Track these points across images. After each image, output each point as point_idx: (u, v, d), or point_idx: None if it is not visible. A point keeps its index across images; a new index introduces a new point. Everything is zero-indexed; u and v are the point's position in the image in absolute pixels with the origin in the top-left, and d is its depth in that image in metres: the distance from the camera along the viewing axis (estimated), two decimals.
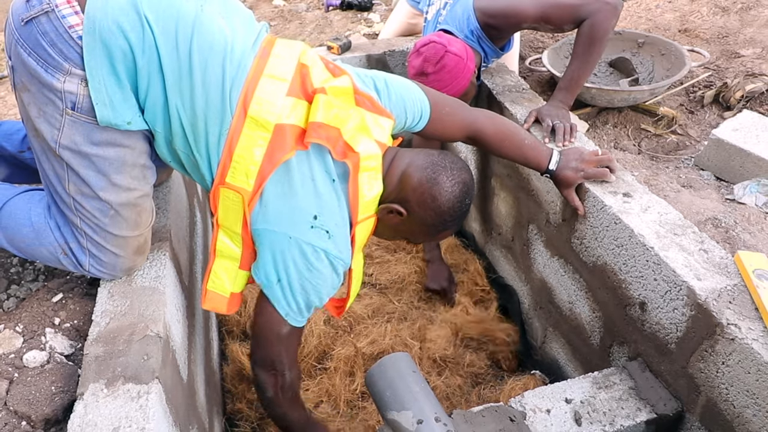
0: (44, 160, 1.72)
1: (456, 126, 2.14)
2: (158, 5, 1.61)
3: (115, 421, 1.45)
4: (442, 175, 1.81)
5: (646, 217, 2.02)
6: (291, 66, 1.77)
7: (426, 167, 1.83)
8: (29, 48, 1.57)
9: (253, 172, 1.69)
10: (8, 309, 1.89)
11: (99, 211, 1.75)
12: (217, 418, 2.41)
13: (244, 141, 1.68)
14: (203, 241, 2.93)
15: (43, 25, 1.55)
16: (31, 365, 1.67)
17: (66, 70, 1.58)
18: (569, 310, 2.48)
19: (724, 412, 1.74)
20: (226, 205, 1.75)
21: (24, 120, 1.71)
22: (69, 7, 1.55)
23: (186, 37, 1.63)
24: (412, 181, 1.82)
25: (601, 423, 1.87)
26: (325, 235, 1.72)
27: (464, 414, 1.84)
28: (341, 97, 1.77)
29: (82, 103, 1.61)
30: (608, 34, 2.49)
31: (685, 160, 3.06)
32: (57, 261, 1.85)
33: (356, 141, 1.76)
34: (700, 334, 1.76)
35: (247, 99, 1.68)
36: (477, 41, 2.76)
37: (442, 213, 1.83)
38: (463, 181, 1.84)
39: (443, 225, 1.88)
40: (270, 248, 1.73)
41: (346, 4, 5.43)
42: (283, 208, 1.71)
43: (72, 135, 1.65)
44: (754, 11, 4.14)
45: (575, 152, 2.21)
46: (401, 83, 2.00)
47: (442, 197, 1.81)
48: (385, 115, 1.88)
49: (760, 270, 1.76)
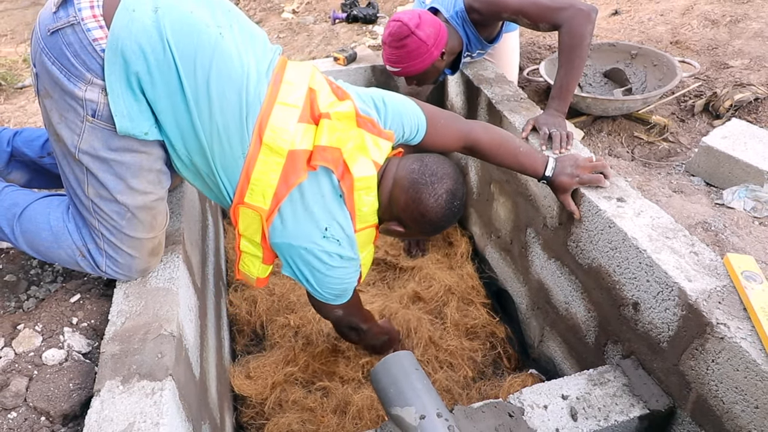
0: (65, 164, 1.73)
1: (452, 137, 2.16)
2: (180, 30, 1.63)
3: (130, 416, 1.45)
4: (424, 193, 1.88)
5: (639, 221, 2.02)
6: (302, 92, 1.81)
7: (408, 188, 1.89)
8: (53, 57, 1.59)
9: (269, 194, 1.77)
10: (28, 309, 1.90)
11: (116, 213, 1.76)
12: (228, 413, 2.41)
13: (261, 166, 1.75)
14: (215, 244, 2.93)
15: (68, 36, 1.56)
16: (49, 363, 1.68)
17: (88, 80, 1.60)
18: (565, 310, 2.48)
19: (714, 407, 1.74)
20: (246, 221, 1.85)
21: (46, 125, 1.73)
22: (95, 21, 1.57)
23: (204, 64, 1.66)
24: (399, 202, 1.92)
25: (596, 418, 1.86)
26: (336, 243, 1.86)
27: (465, 410, 1.84)
28: (344, 121, 1.84)
29: (102, 111, 1.63)
30: (586, 39, 2.49)
31: (676, 167, 3.06)
32: (75, 263, 1.86)
33: (354, 161, 1.84)
34: (691, 333, 1.76)
35: (263, 126, 1.73)
36: (461, 24, 2.80)
37: (433, 222, 1.93)
38: (446, 191, 1.89)
39: (440, 228, 1.99)
40: (291, 258, 1.88)
41: (352, 17, 5.44)
42: (298, 224, 1.82)
43: (91, 141, 1.66)
44: (742, 24, 4.14)
45: (571, 159, 2.21)
46: (398, 100, 2.05)
47: (430, 213, 1.90)
48: (384, 136, 1.95)
49: (749, 272, 1.76)
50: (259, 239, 1.87)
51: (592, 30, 2.51)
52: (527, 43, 4.40)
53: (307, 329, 2.82)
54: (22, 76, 4.60)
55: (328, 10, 6.00)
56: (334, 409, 2.48)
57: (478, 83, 3.05)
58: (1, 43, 5.69)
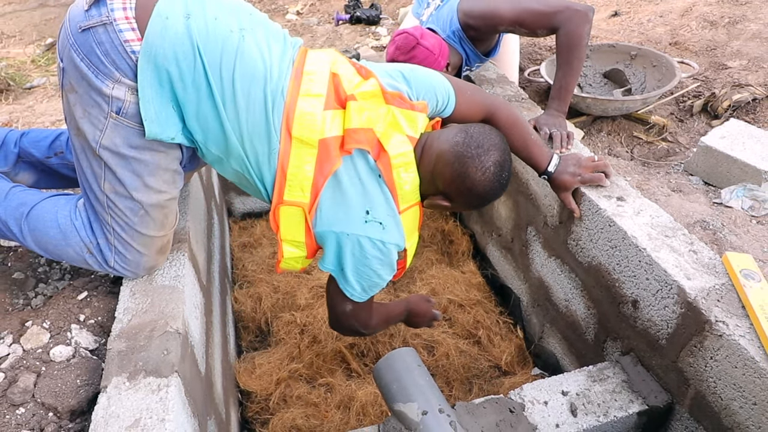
0: (83, 158, 1.75)
1: (477, 108, 2.10)
2: (207, 36, 1.65)
3: (136, 412, 1.45)
4: (471, 167, 1.79)
5: (638, 219, 2.01)
6: (324, 80, 1.80)
7: (454, 162, 1.80)
8: (83, 53, 1.61)
9: (307, 186, 1.76)
10: (36, 306, 1.90)
11: (130, 210, 1.78)
12: (233, 409, 2.41)
13: (294, 160, 1.74)
14: (220, 243, 2.93)
15: (99, 35, 1.59)
16: (57, 359, 1.68)
17: (116, 78, 1.62)
18: (565, 307, 2.47)
19: (712, 404, 1.74)
20: (288, 220, 1.82)
21: (67, 119, 1.74)
22: (126, 23, 1.59)
23: (229, 66, 1.67)
24: (445, 177, 1.82)
25: (596, 414, 1.86)
26: (379, 227, 1.78)
27: (466, 405, 1.83)
28: (371, 100, 1.81)
29: (127, 108, 1.65)
30: (584, 39, 2.49)
31: (675, 166, 3.05)
32: (83, 260, 1.86)
33: (388, 138, 1.80)
34: (690, 331, 1.76)
35: (290, 121, 1.73)
36: (459, 42, 2.78)
37: (481, 195, 1.84)
38: (494, 163, 1.80)
39: (488, 200, 1.89)
40: (333, 245, 1.80)
41: (355, 19, 5.44)
42: (338, 211, 1.77)
43: (113, 137, 1.68)
44: (740, 25, 4.13)
45: (573, 158, 2.20)
46: (426, 72, 2.00)
47: (478, 186, 1.81)
48: (417, 109, 1.90)
49: (747, 270, 1.75)
50: (302, 237, 1.84)
51: (590, 30, 2.51)
52: (528, 44, 4.39)
53: (314, 327, 2.82)
54: (30, 76, 4.60)
55: (332, 12, 6.01)
56: (337, 405, 2.48)
57: (480, 84, 3.05)
58: (10, 44, 5.70)
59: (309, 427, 2.40)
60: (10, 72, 4.52)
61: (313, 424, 2.41)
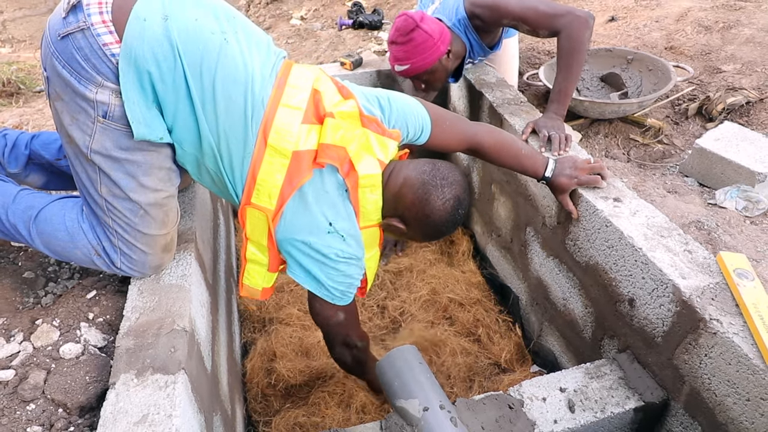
0: (77, 164, 1.74)
1: (456, 139, 2.14)
2: (187, 37, 1.63)
3: (144, 408, 1.45)
4: (433, 195, 1.84)
5: (634, 220, 2.01)
6: (305, 95, 1.80)
7: (418, 188, 1.85)
8: (64, 60, 1.59)
9: (275, 194, 1.76)
10: (46, 305, 1.90)
11: (129, 211, 1.77)
12: (239, 405, 2.41)
13: (266, 167, 1.74)
14: (226, 242, 2.93)
15: (78, 40, 1.57)
16: (67, 357, 1.68)
17: (99, 82, 1.60)
18: (563, 306, 2.47)
19: (707, 400, 1.74)
20: (253, 222, 1.83)
21: (57, 128, 1.73)
22: (104, 27, 1.57)
23: (210, 68, 1.66)
24: (406, 200, 1.87)
25: (593, 410, 1.86)
26: (341, 239, 1.80)
27: (467, 402, 1.84)
28: (348, 120, 1.82)
29: (113, 112, 1.63)
30: (584, 44, 2.51)
31: (670, 168, 3.05)
32: (90, 261, 1.86)
33: (359, 159, 1.82)
34: (685, 329, 1.76)
35: (267, 128, 1.72)
36: (464, 31, 2.79)
37: (436, 225, 1.88)
38: (454, 196, 1.86)
39: (440, 233, 1.94)
40: (295, 254, 1.82)
41: (358, 24, 5.44)
42: (302, 221, 1.78)
43: (103, 141, 1.66)
44: (734, 30, 4.12)
45: (570, 160, 2.21)
46: (403, 100, 2.02)
47: (435, 215, 1.85)
48: (389, 135, 1.92)
49: (741, 269, 1.76)
50: (265, 241, 1.84)
51: (590, 36, 2.51)
52: (527, 48, 4.39)
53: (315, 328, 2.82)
54: (40, 80, 4.61)
55: (335, 17, 6.01)
56: (338, 403, 2.49)
57: (480, 87, 3.05)
58: (21, 48, 5.71)
59: (311, 424, 2.40)
60: (20, 75, 4.53)
61: (314, 421, 2.42)
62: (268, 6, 6.63)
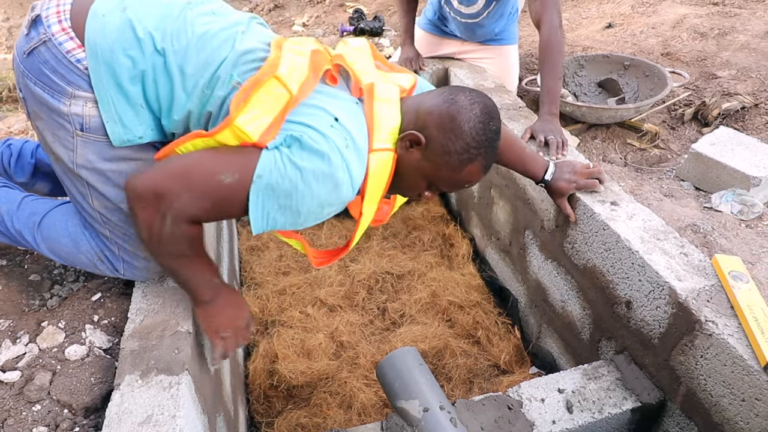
0: (67, 181, 1.71)
1: None
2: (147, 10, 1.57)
3: (148, 409, 1.46)
4: (460, 95, 1.59)
5: (631, 223, 2.02)
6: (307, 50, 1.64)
7: (442, 92, 1.63)
8: (34, 77, 1.56)
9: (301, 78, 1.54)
10: (52, 307, 1.90)
11: (124, 221, 1.73)
12: (241, 406, 2.41)
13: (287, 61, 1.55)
14: (229, 246, 2.94)
15: (43, 54, 1.53)
16: (72, 358, 1.68)
17: (70, 93, 1.55)
18: (562, 308, 2.48)
19: (703, 400, 1.74)
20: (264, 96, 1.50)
21: (43, 147, 1.70)
22: (64, 34, 1.53)
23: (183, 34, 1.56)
24: (428, 104, 1.62)
25: (591, 411, 1.86)
26: (343, 138, 1.50)
27: (466, 403, 1.84)
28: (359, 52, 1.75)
29: (89, 123, 1.58)
30: (562, 45, 2.60)
31: (666, 172, 3.06)
32: (94, 267, 1.85)
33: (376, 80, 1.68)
34: (681, 330, 1.76)
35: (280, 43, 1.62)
36: None
37: (463, 135, 1.56)
38: (484, 102, 1.59)
39: (468, 153, 1.58)
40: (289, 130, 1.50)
41: (359, 30, 5.44)
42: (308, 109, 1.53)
43: (86, 154, 1.62)
44: (729, 37, 4.14)
45: (568, 165, 2.21)
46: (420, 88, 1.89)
47: (462, 115, 1.55)
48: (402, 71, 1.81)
49: (736, 272, 1.76)
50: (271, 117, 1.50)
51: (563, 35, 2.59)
52: (525, 54, 4.40)
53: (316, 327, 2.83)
54: None
55: (337, 24, 6.03)
56: (339, 405, 2.49)
57: None
58: None
59: (313, 425, 2.41)
60: None
61: (316, 422, 2.42)
62: (270, 13, 6.65)
